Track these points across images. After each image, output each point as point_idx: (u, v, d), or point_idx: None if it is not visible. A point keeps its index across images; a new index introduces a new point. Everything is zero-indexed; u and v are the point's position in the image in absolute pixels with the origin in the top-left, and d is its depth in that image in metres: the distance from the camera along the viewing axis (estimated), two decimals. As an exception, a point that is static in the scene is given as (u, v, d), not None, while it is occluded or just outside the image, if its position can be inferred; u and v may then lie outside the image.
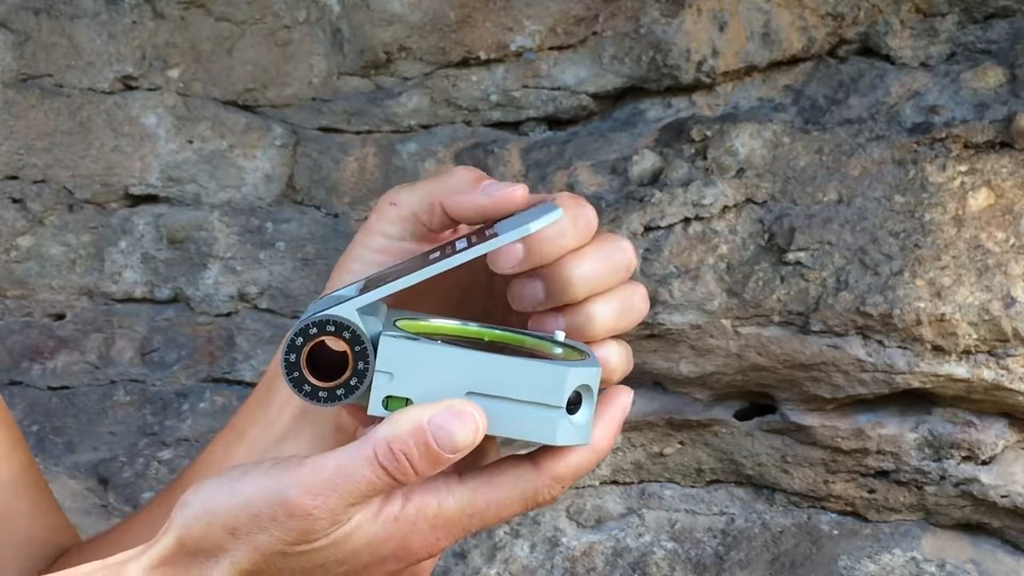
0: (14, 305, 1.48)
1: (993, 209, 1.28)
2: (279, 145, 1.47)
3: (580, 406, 0.66)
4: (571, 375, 0.65)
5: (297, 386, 0.66)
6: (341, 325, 0.65)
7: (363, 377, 0.65)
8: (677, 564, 1.40)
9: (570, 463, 0.67)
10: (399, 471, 0.63)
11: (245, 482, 0.64)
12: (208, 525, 0.64)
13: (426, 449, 0.63)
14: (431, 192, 0.73)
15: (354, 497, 0.63)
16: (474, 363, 0.64)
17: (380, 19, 1.42)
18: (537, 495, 0.67)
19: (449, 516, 0.66)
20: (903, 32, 1.36)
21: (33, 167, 1.47)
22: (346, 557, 0.66)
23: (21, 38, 1.45)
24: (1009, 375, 1.27)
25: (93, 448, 1.46)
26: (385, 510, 0.65)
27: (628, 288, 0.72)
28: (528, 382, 0.64)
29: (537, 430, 0.65)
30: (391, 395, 0.65)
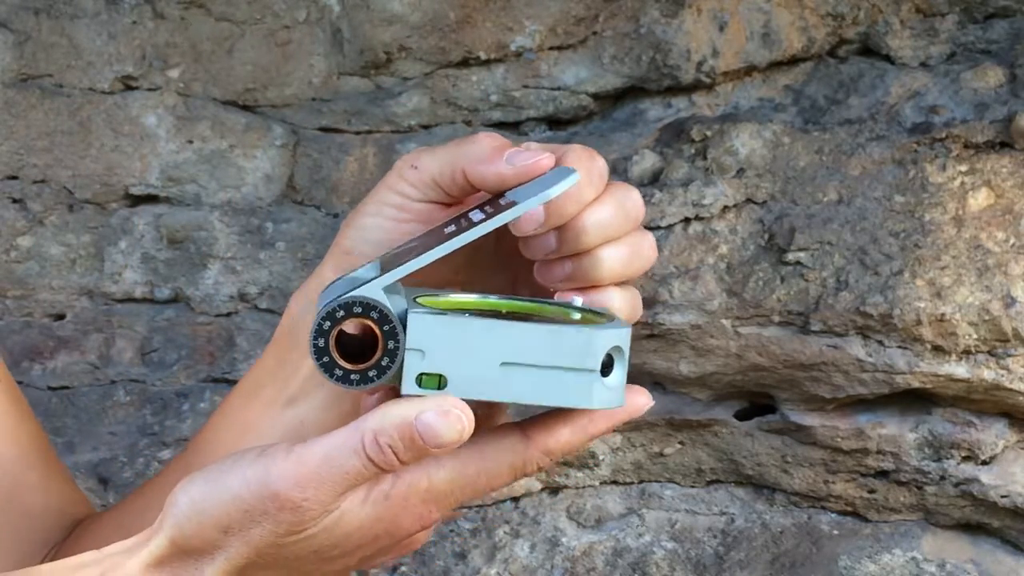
0: (14, 305, 1.48)
1: (993, 209, 1.28)
2: (279, 145, 1.47)
3: (613, 368, 0.66)
4: (603, 337, 0.64)
5: (328, 370, 0.65)
6: (368, 305, 0.64)
7: (394, 357, 0.64)
8: (677, 564, 1.40)
9: (561, 439, 0.67)
10: (385, 462, 0.63)
11: (232, 477, 0.64)
12: (200, 524, 0.64)
13: (412, 444, 0.63)
14: (453, 159, 0.72)
15: (342, 486, 0.63)
16: (505, 333, 0.64)
17: (380, 19, 1.42)
18: (526, 466, 0.67)
19: (440, 489, 0.66)
20: (903, 32, 1.36)
21: (33, 167, 1.47)
22: (338, 541, 0.66)
23: (21, 38, 1.45)
24: (1009, 375, 1.27)
25: (93, 448, 1.46)
26: (375, 490, 0.65)
27: (637, 235, 0.72)
28: (561, 348, 0.64)
29: (573, 395, 0.65)
30: (424, 372, 0.64)
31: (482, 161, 0.71)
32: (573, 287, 0.70)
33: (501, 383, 0.64)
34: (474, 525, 1.43)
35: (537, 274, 0.71)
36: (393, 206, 0.75)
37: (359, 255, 0.75)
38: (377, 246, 0.75)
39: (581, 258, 0.70)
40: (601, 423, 0.68)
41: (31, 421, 0.91)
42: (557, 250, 0.70)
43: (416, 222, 0.74)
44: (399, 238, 0.74)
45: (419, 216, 0.74)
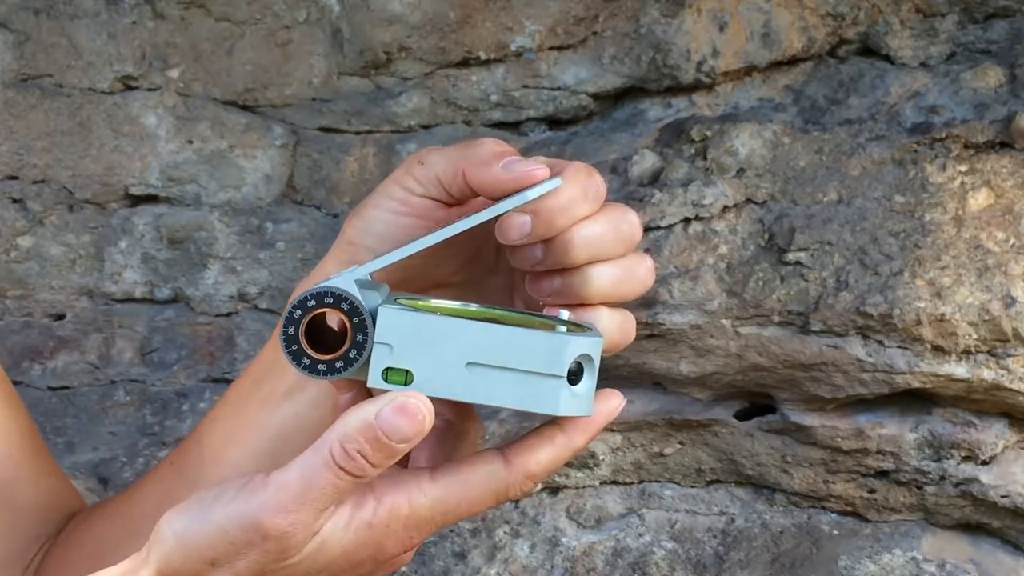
0: (14, 305, 1.48)
1: (993, 209, 1.28)
2: (279, 145, 1.47)
3: (582, 376, 0.66)
4: (571, 344, 0.65)
5: (296, 359, 0.65)
6: (339, 297, 0.65)
7: (362, 349, 0.65)
8: (677, 564, 1.40)
9: (541, 460, 0.67)
10: (357, 468, 0.63)
11: (215, 510, 0.64)
12: (186, 557, 0.65)
13: (378, 444, 0.63)
14: (457, 159, 0.73)
15: (322, 503, 0.64)
16: (474, 333, 0.64)
17: (380, 19, 1.42)
18: (509, 491, 0.67)
19: (421, 515, 0.66)
20: (903, 32, 1.36)
21: (33, 167, 1.47)
22: (322, 566, 0.66)
23: (21, 38, 1.45)
24: (1009, 375, 1.27)
25: (93, 448, 1.46)
26: (357, 516, 0.66)
27: (633, 257, 0.72)
28: (528, 351, 0.64)
29: (539, 400, 0.65)
30: (391, 367, 0.64)
31: (480, 164, 0.71)
32: (561, 303, 0.70)
33: (467, 383, 0.64)
34: (474, 525, 1.43)
35: (528, 287, 0.71)
36: (396, 199, 0.75)
37: (362, 247, 0.75)
38: (379, 238, 0.75)
39: (571, 274, 0.70)
40: (579, 437, 0.68)
41: (23, 416, 0.91)
42: (543, 262, 0.70)
43: (416, 217, 0.75)
44: (398, 231, 0.75)
45: (419, 211, 0.75)
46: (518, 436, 0.69)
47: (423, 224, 0.75)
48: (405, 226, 0.75)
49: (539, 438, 0.68)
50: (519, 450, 0.68)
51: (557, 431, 0.68)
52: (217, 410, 0.84)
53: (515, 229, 0.68)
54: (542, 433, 0.68)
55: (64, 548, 0.88)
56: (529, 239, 0.69)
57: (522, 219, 0.68)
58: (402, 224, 0.75)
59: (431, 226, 0.74)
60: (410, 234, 0.74)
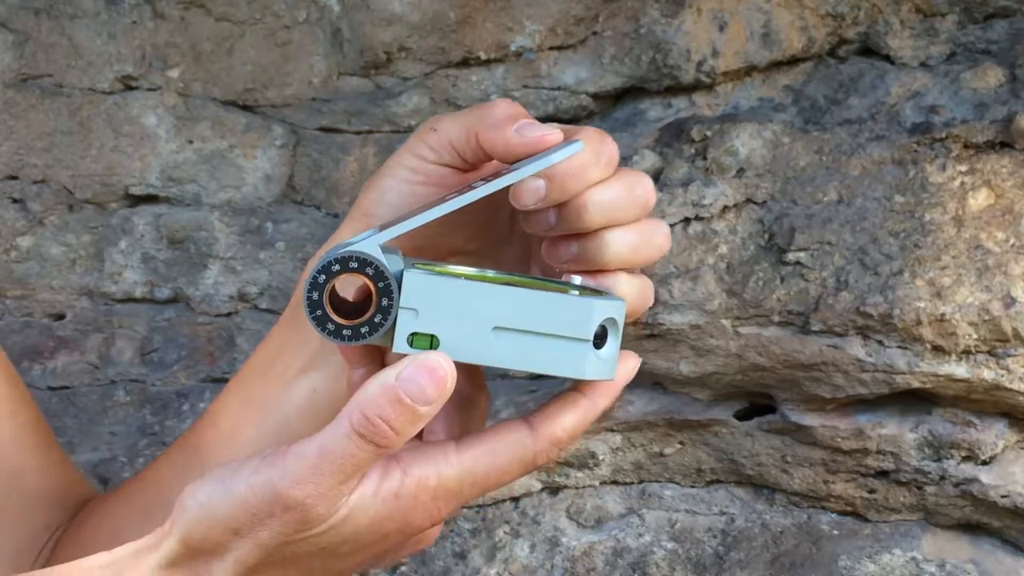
0: (14, 305, 1.48)
1: (993, 209, 1.28)
2: (279, 145, 1.47)
3: (606, 340, 0.65)
4: (597, 307, 0.64)
5: (320, 324, 0.65)
6: (364, 261, 0.64)
7: (387, 314, 0.64)
8: (677, 564, 1.40)
9: (566, 425, 0.67)
10: (379, 435, 0.62)
11: (237, 481, 0.64)
12: (209, 527, 0.64)
13: (400, 407, 0.62)
14: (470, 123, 0.72)
15: (342, 475, 0.63)
16: (500, 297, 0.64)
17: (380, 19, 1.42)
18: (536, 459, 0.67)
19: (449, 487, 0.66)
20: (903, 32, 1.36)
21: (33, 167, 1.47)
22: (348, 537, 0.65)
23: (21, 38, 1.45)
24: (1009, 375, 1.27)
25: (93, 448, 1.46)
26: (384, 487, 0.65)
27: (649, 222, 0.71)
28: (555, 315, 0.64)
29: (565, 364, 0.64)
30: (416, 332, 0.64)
31: (493, 126, 0.70)
32: (578, 269, 0.70)
33: (493, 347, 0.64)
34: (474, 525, 1.43)
35: (544, 253, 0.71)
36: (409, 168, 0.74)
37: (377, 216, 0.75)
38: (393, 208, 0.75)
39: (587, 239, 0.69)
40: (601, 400, 0.68)
41: (30, 405, 0.91)
42: (556, 227, 0.69)
43: (430, 185, 0.74)
44: (412, 200, 0.74)
45: (433, 179, 0.74)
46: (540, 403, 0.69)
47: (438, 191, 0.74)
48: (420, 195, 0.74)
49: (562, 404, 0.68)
50: (544, 417, 0.67)
51: (579, 396, 0.68)
52: (231, 389, 0.84)
53: (529, 193, 0.67)
54: (565, 398, 0.68)
55: (79, 534, 0.88)
56: (543, 203, 0.68)
57: (536, 183, 0.67)
58: (417, 192, 0.74)
59: (446, 193, 0.73)
60: (425, 202, 0.74)
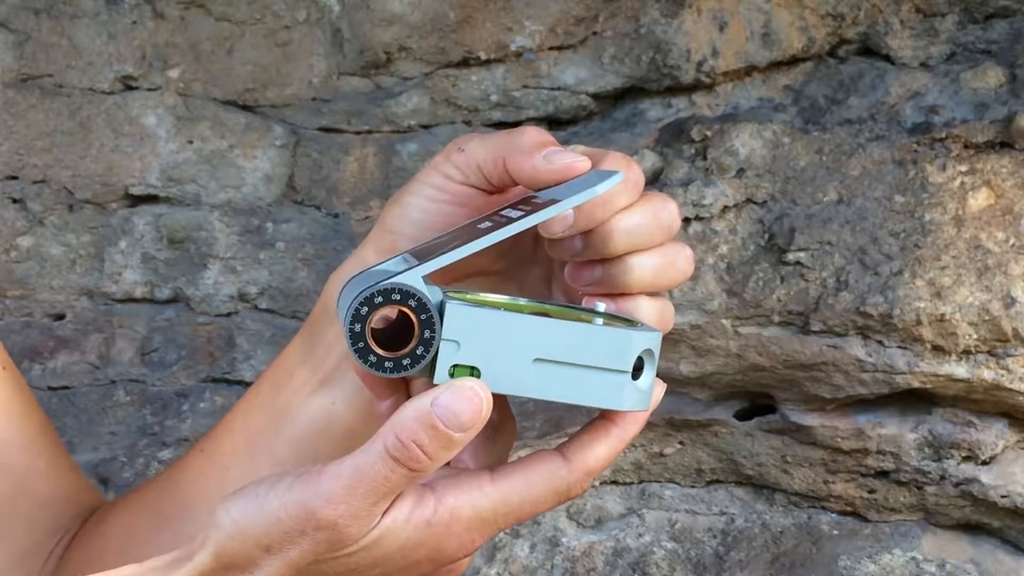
0: (14, 305, 1.48)
1: (993, 209, 1.28)
2: (279, 145, 1.47)
3: (643, 372, 0.66)
4: (636, 339, 0.65)
5: (363, 356, 0.64)
6: (407, 293, 0.64)
7: (429, 346, 0.64)
8: (677, 564, 1.40)
9: (600, 455, 0.67)
10: (412, 460, 0.62)
11: (271, 498, 0.64)
12: (242, 543, 0.64)
13: (434, 432, 0.62)
14: (498, 147, 0.72)
15: (375, 496, 0.63)
16: (540, 329, 0.64)
17: (380, 19, 1.42)
18: (571, 490, 0.67)
19: (484, 517, 0.66)
20: (903, 32, 1.36)
21: (33, 167, 1.47)
22: (378, 560, 0.65)
23: (21, 38, 1.45)
24: (1009, 375, 1.27)
25: (93, 448, 1.46)
26: (416, 514, 0.64)
27: (672, 246, 0.71)
28: (595, 347, 0.64)
29: (604, 396, 0.65)
30: (458, 364, 0.64)
31: (522, 153, 0.70)
32: (601, 292, 0.70)
33: (533, 379, 0.64)
34: (474, 525, 1.43)
35: (568, 277, 0.71)
36: (434, 187, 0.74)
37: (400, 235, 0.75)
38: (417, 226, 0.75)
39: (611, 264, 0.70)
40: (631, 428, 0.68)
41: (36, 409, 0.91)
42: (582, 253, 0.70)
43: (455, 205, 0.74)
44: (437, 219, 0.74)
45: (458, 199, 0.74)
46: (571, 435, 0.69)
47: (462, 212, 0.74)
48: (444, 214, 0.74)
49: (595, 433, 0.68)
50: (577, 448, 0.67)
51: (611, 425, 0.68)
52: (249, 398, 0.84)
53: (559, 223, 0.68)
54: (597, 428, 0.68)
55: (88, 541, 0.88)
56: (571, 231, 0.68)
57: (565, 212, 0.67)
58: (442, 212, 0.74)
59: (470, 213, 0.74)
60: (449, 222, 0.74)
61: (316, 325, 0.80)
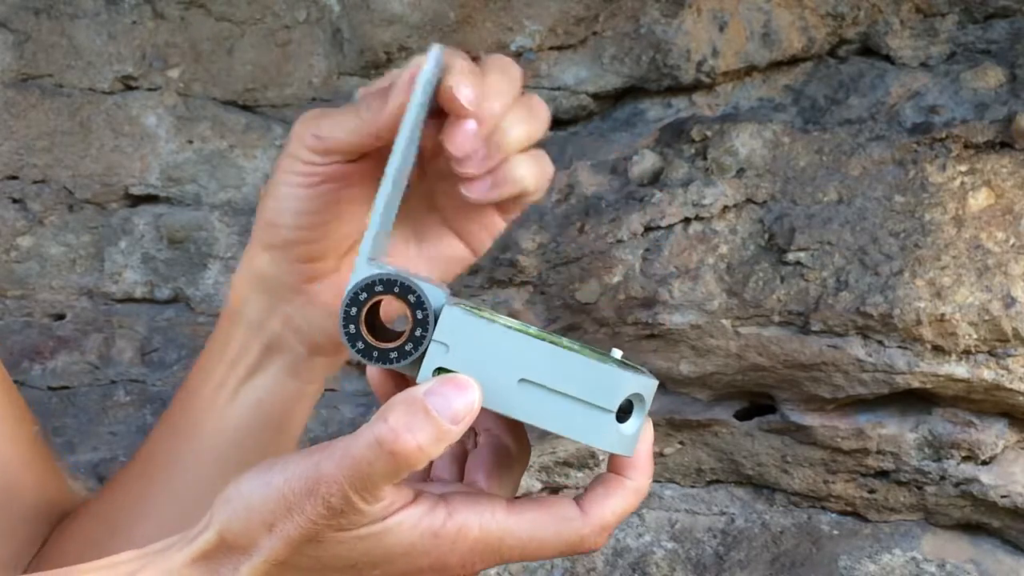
0: (14, 305, 1.48)
1: (993, 209, 1.28)
2: (279, 145, 1.47)
3: (630, 416, 0.65)
4: (627, 380, 0.64)
5: (352, 341, 0.64)
6: (407, 288, 0.64)
7: (419, 344, 0.64)
8: (677, 564, 1.40)
9: (616, 510, 0.67)
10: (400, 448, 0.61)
11: (276, 473, 0.64)
12: (247, 520, 0.64)
13: (426, 420, 0.62)
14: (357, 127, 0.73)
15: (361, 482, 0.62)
16: (532, 350, 0.63)
17: (380, 19, 1.42)
18: (583, 542, 0.67)
19: (489, 542, 0.65)
20: (903, 32, 1.36)
21: (33, 167, 1.47)
22: (379, 560, 0.65)
23: (21, 38, 1.45)
24: (1009, 375, 1.27)
25: (93, 448, 1.46)
26: (426, 521, 0.64)
27: (525, 99, 0.73)
28: (583, 379, 0.63)
29: (584, 430, 0.64)
30: (443, 367, 0.63)
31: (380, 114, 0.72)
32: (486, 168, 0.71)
33: (516, 398, 0.63)
34: (474, 525, 1.43)
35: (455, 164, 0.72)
36: (301, 173, 0.76)
37: (283, 226, 0.76)
38: (297, 214, 0.76)
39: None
40: (643, 481, 0.68)
41: (29, 421, 0.91)
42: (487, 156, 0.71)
43: (328, 182, 0.76)
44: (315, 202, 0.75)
45: (329, 176, 0.75)
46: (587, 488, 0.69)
47: (338, 186, 0.75)
48: (321, 192, 0.76)
49: (608, 488, 0.68)
50: (593, 500, 0.67)
51: (624, 480, 0.68)
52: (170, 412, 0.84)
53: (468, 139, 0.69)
54: (610, 483, 0.68)
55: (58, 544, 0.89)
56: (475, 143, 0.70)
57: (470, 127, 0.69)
58: (318, 192, 0.76)
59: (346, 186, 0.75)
60: (328, 198, 0.75)
61: (225, 328, 0.80)
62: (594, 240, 1.33)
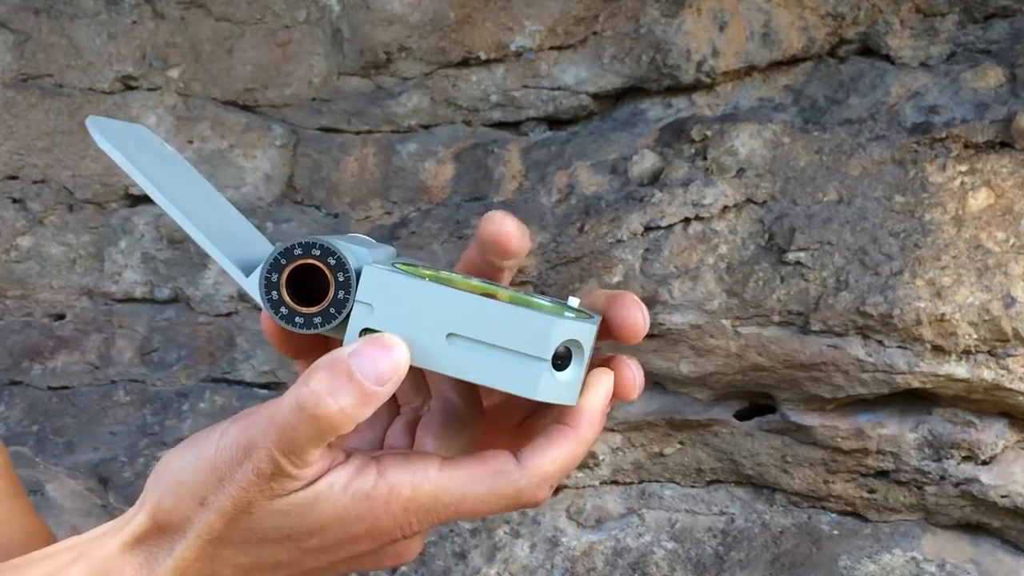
0: (14, 305, 1.48)
1: (993, 209, 1.28)
2: (279, 145, 1.47)
3: (569, 362, 0.63)
4: (559, 326, 0.61)
5: (275, 308, 0.63)
6: (327, 250, 0.62)
7: (343, 307, 0.62)
8: (677, 564, 1.40)
9: (555, 459, 0.64)
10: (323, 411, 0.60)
11: (208, 445, 0.63)
12: (178, 496, 0.63)
13: (350, 382, 0.60)
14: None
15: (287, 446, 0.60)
16: (458, 303, 0.61)
17: (380, 19, 1.42)
18: (520, 495, 0.64)
19: (423, 501, 0.64)
20: (903, 32, 1.36)
21: (33, 167, 1.47)
22: (314, 528, 0.63)
23: (21, 38, 1.45)
24: (1009, 375, 1.27)
25: (93, 448, 1.46)
26: (356, 483, 0.63)
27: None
28: (513, 329, 0.61)
29: (518, 381, 0.61)
30: (369, 328, 0.61)
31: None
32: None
33: (445, 354, 0.62)
34: (474, 525, 1.43)
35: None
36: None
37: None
38: None
39: None
40: (588, 430, 0.65)
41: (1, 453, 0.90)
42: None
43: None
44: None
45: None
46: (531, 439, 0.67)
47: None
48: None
49: (548, 437, 0.65)
50: (531, 451, 0.65)
51: (566, 428, 0.65)
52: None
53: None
54: (551, 431, 0.66)
55: None
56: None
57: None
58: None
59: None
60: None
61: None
62: (594, 240, 1.33)
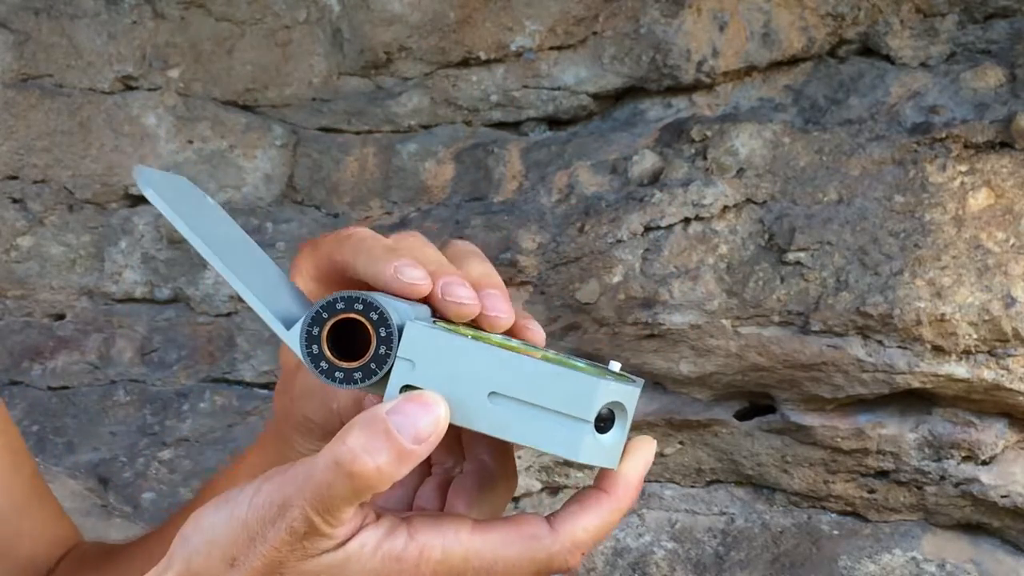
0: (14, 305, 1.48)
1: (993, 209, 1.28)
2: (279, 145, 1.47)
3: (612, 425, 0.62)
4: (602, 387, 0.60)
5: (315, 362, 0.62)
6: (370, 305, 0.62)
7: (383, 362, 0.61)
8: (677, 564, 1.40)
9: (588, 526, 0.63)
10: (359, 470, 0.59)
11: (241, 503, 0.62)
12: (208, 556, 0.62)
13: (387, 440, 0.59)
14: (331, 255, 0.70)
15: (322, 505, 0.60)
16: (501, 362, 0.61)
17: (380, 19, 1.42)
18: (552, 561, 0.63)
19: (452, 565, 0.63)
20: (903, 32, 1.36)
21: (33, 167, 1.47)
22: None
23: (21, 38, 1.45)
24: (1009, 375, 1.27)
25: (93, 448, 1.46)
26: (386, 544, 0.62)
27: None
28: (556, 389, 0.60)
29: (560, 442, 0.60)
30: (410, 385, 0.61)
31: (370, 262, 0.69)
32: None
33: (486, 413, 0.61)
34: (474, 525, 1.43)
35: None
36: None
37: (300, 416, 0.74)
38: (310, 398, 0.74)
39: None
40: (625, 497, 0.64)
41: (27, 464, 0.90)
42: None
43: None
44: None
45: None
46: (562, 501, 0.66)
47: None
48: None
49: (583, 502, 0.64)
50: (564, 517, 0.63)
51: (602, 494, 0.64)
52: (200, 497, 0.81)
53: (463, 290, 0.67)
54: (587, 496, 0.65)
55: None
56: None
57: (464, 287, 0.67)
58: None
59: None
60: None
61: (280, 430, 0.77)
62: (594, 240, 1.33)
